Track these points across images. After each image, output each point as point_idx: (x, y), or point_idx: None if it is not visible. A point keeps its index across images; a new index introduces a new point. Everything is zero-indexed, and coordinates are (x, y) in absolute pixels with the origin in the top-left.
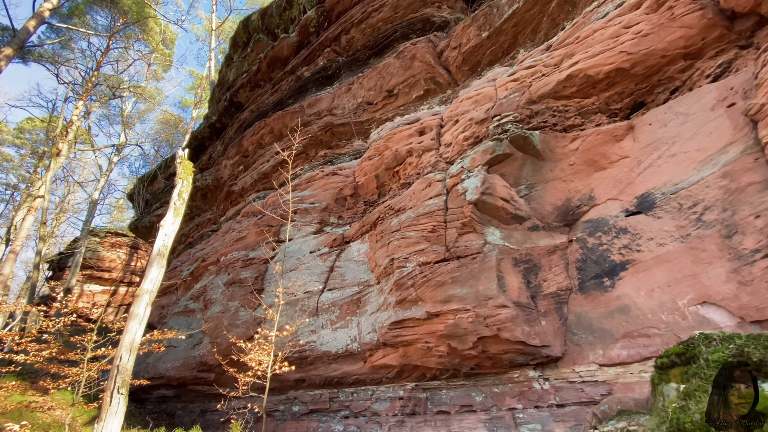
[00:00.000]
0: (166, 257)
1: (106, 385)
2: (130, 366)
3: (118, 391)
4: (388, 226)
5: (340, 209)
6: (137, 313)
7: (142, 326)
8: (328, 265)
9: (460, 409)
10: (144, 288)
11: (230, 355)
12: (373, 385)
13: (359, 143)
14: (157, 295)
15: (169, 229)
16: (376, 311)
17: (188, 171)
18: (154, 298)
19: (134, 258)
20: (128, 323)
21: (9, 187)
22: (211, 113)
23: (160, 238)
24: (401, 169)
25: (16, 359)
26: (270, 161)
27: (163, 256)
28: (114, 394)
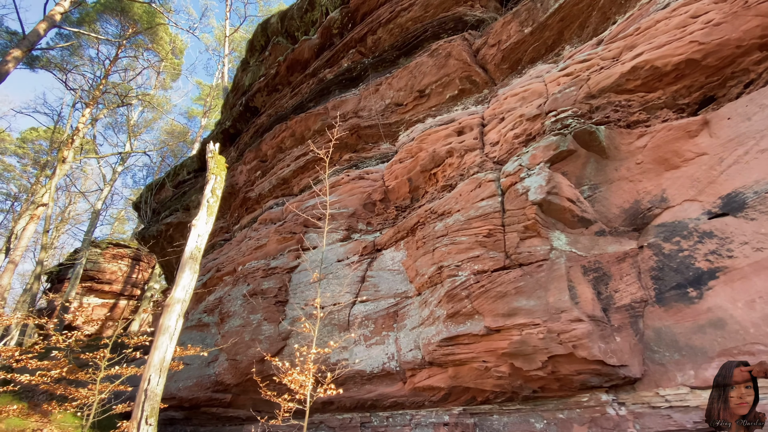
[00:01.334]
0: (199, 261)
1: (133, 413)
2: (159, 390)
3: (146, 421)
4: (432, 231)
5: (369, 215)
6: (167, 327)
7: (174, 342)
8: (358, 275)
9: None
10: (175, 297)
11: (250, 375)
12: (413, 409)
13: (386, 146)
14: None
15: (203, 229)
16: (419, 326)
17: (221, 166)
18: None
19: (136, 270)
20: (157, 338)
21: (9, 197)
22: (224, 119)
23: (192, 239)
24: (440, 171)
25: (20, 379)
26: (290, 166)
27: (195, 259)
28: (142, 425)
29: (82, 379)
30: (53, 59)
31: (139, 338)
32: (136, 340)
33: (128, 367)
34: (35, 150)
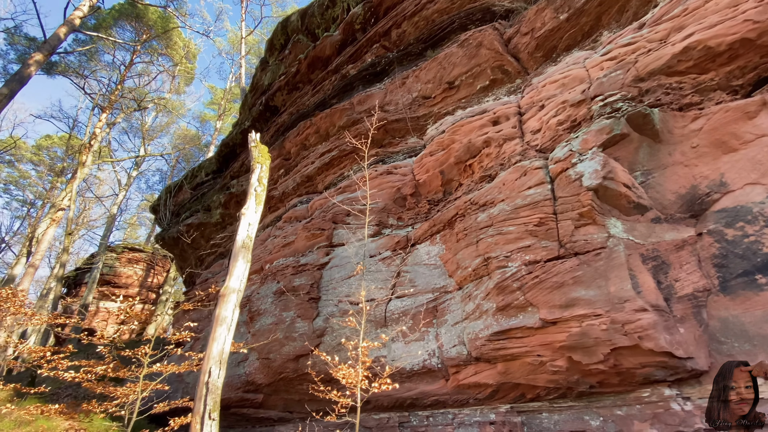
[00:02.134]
0: (251, 250)
1: (195, 408)
2: (221, 383)
3: (209, 416)
4: (474, 223)
5: (399, 210)
6: (225, 317)
7: (231, 332)
8: (393, 270)
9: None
10: (230, 287)
11: (284, 374)
12: (455, 408)
13: (414, 140)
14: (187, 310)
15: (252, 218)
16: (463, 321)
17: (265, 155)
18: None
19: (151, 274)
20: (215, 330)
21: (25, 203)
22: (243, 119)
23: (243, 228)
24: (476, 162)
25: (65, 377)
26: (315, 163)
27: (248, 248)
28: (205, 420)
29: (123, 377)
30: (71, 64)
31: (180, 334)
32: (177, 336)
33: (168, 364)
34: (50, 157)
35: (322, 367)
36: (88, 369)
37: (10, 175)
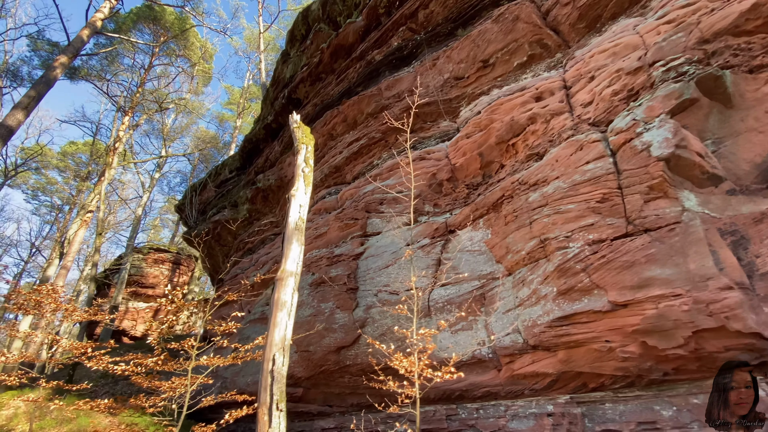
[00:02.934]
0: (304, 232)
1: (260, 399)
2: (285, 371)
3: (277, 407)
4: (525, 204)
5: (435, 196)
6: (284, 302)
7: (292, 318)
8: (433, 258)
9: (636, 428)
10: (287, 270)
11: (324, 367)
12: (508, 399)
13: (446, 123)
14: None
15: (303, 200)
16: (516, 307)
17: (309, 136)
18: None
19: (176, 274)
20: (275, 315)
21: (54, 208)
22: (265, 114)
23: (293, 210)
24: (519, 141)
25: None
26: (343, 153)
27: (300, 231)
28: (273, 412)
29: (169, 371)
30: (93, 68)
31: (227, 325)
32: (224, 327)
33: (215, 357)
34: (76, 162)
35: (364, 358)
36: (138, 362)
37: (38, 182)
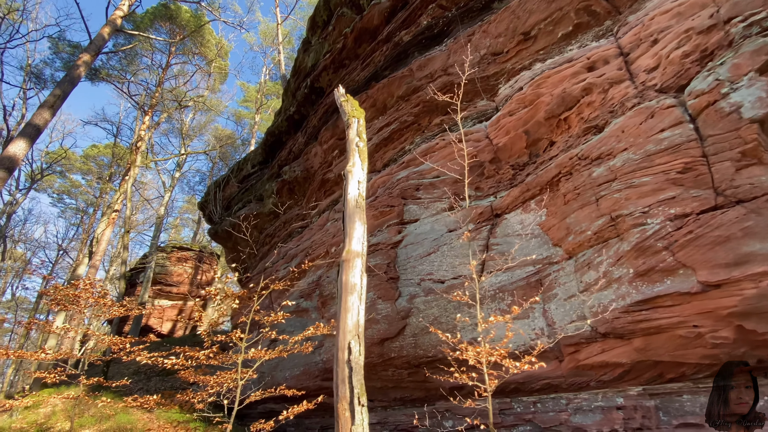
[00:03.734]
0: (365, 210)
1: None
2: (362, 361)
3: (358, 401)
4: (588, 180)
5: (477, 179)
6: (353, 284)
7: (363, 302)
8: (479, 244)
9: None
10: (353, 250)
11: (367, 359)
12: (571, 392)
13: (484, 103)
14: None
15: (360, 175)
16: (581, 293)
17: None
18: None
19: (200, 272)
20: (345, 299)
21: (79, 211)
22: (287, 106)
23: (352, 187)
24: (573, 114)
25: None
26: (372, 139)
27: (362, 208)
28: (355, 407)
29: (214, 365)
30: (113, 68)
31: (275, 316)
32: (273, 317)
33: (263, 349)
34: (98, 165)
35: (411, 350)
36: (190, 354)
37: (63, 185)
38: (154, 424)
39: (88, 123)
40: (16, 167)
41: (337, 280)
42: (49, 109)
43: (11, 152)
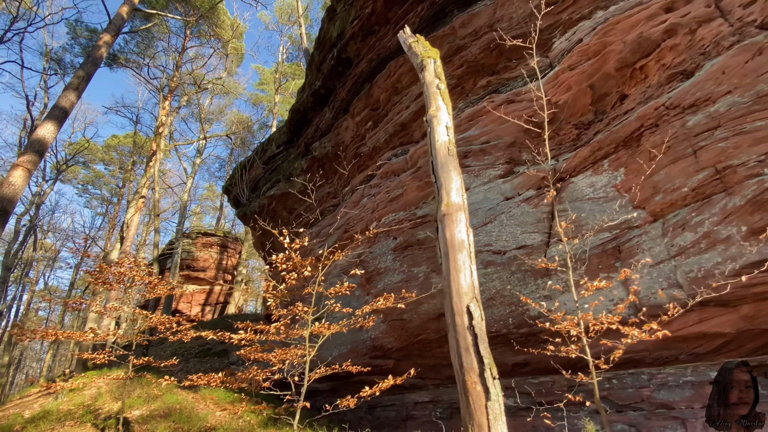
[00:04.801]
0: (457, 158)
1: (462, 363)
2: (485, 326)
3: (491, 372)
4: (682, 130)
5: (533, 142)
6: (460, 240)
7: (473, 261)
8: (544, 210)
9: None
10: (453, 202)
11: (422, 336)
12: (653, 367)
13: (536, 60)
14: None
15: (447, 120)
16: (672, 257)
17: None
18: None
19: (225, 257)
20: (453, 258)
21: (104, 200)
22: (312, 80)
23: (440, 133)
24: (651, 62)
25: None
26: (410, 107)
27: (454, 156)
28: (487, 380)
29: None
30: (131, 52)
31: (339, 288)
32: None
33: (326, 323)
34: (119, 155)
35: None
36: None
37: (87, 176)
38: (201, 404)
39: (110, 110)
40: (46, 150)
41: (438, 237)
42: (74, 91)
43: (40, 135)
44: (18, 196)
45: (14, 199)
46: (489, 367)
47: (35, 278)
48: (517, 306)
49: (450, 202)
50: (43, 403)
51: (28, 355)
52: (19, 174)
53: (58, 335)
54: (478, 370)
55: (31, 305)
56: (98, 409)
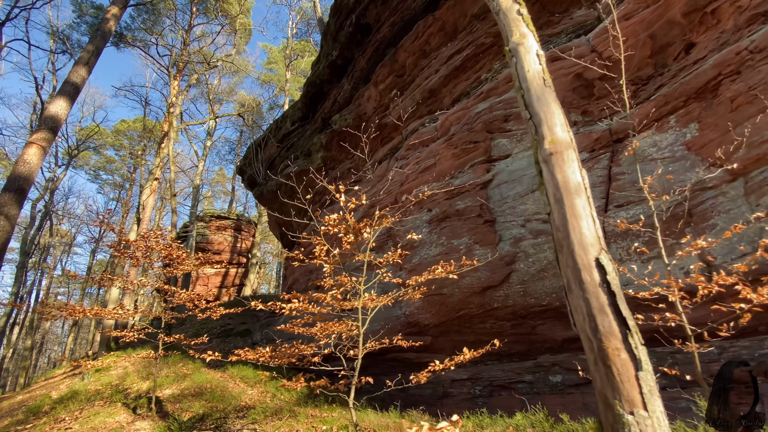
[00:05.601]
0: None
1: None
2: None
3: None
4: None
5: (583, 102)
6: (576, 183)
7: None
8: (599, 175)
9: None
10: (559, 139)
11: (464, 311)
12: (727, 340)
13: (582, 12)
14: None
15: (535, 47)
16: (759, 220)
17: None
18: None
19: (239, 240)
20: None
21: (116, 186)
22: (327, 51)
23: (530, 63)
24: (725, 3)
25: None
26: (440, 71)
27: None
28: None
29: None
30: (139, 30)
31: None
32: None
33: (374, 294)
34: (128, 140)
35: (518, 299)
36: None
37: (98, 161)
38: (230, 383)
39: (120, 90)
40: (60, 127)
41: (544, 181)
42: (85, 66)
43: (53, 112)
44: (34, 175)
45: (30, 177)
46: (634, 331)
47: (53, 264)
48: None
49: (556, 139)
50: (69, 384)
51: (49, 339)
52: (33, 152)
53: (87, 312)
54: (620, 334)
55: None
56: (127, 388)
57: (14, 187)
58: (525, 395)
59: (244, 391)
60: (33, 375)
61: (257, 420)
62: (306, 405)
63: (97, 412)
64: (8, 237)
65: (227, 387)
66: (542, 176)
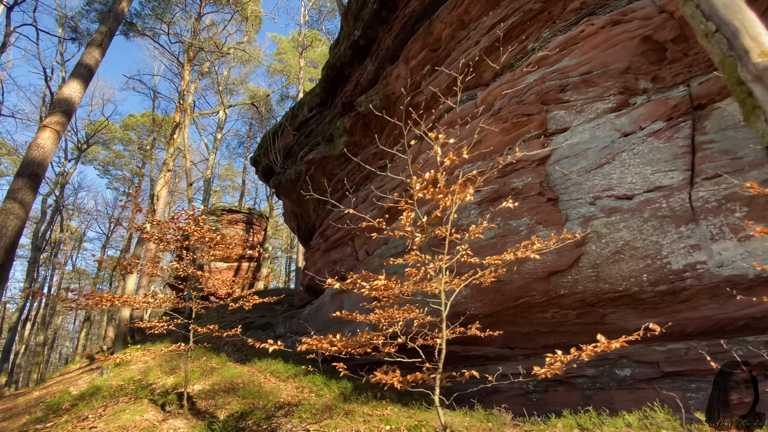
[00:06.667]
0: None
1: None
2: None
3: None
4: None
5: (653, 67)
6: None
7: None
8: (680, 145)
9: None
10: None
11: (524, 299)
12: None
13: None
14: (325, 248)
15: None
16: None
17: None
18: None
19: (250, 233)
20: None
21: (125, 180)
22: (348, 31)
23: None
24: None
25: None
26: (480, 43)
27: None
28: None
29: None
30: (149, 17)
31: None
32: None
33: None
34: (137, 135)
35: (589, 285)
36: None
37: (107, 156)
38: (261, 377)
39: (130, 79)
40: (74, 110)
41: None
42: (98, 47)
43: (66, 94)
44: (48, 159)
45: (44, 162)
46: None
47: (64, 260)
48: (654, 259)
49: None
50: (87, 380)
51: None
52: (47, 136)
53: (114, 300)
54: None
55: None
56: (151, 383)
57: (28, 173)
58: (586, 390)
59: (278, 386)
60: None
61: (304, 419)
62: (353, 402)
63: (122, 409)
64: (22, 224)
65: (260, 382)
66: (753, 99)
